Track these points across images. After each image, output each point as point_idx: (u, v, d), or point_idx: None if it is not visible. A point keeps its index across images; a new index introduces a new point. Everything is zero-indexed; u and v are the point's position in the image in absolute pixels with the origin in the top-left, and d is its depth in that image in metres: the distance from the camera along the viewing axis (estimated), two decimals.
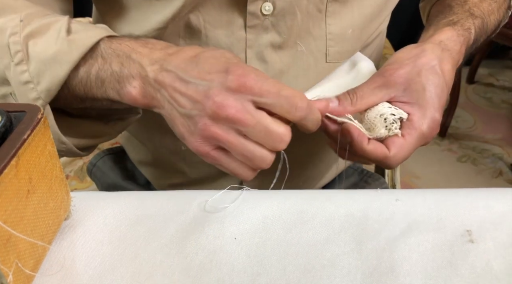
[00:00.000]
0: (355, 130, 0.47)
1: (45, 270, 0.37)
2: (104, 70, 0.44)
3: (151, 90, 0.43)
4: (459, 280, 0.36)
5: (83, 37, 0.44)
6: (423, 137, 0.48)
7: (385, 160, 0.47)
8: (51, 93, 0.43)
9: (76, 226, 0.41)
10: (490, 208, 0.42)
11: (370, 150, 0.47)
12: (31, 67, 0.43)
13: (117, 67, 0.43)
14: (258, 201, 0.44)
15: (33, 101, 0.44)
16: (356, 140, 0.47)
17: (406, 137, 0.47)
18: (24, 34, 0.43)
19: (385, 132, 0.47)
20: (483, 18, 0.59)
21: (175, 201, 0.44)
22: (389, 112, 0.48)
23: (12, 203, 0.31)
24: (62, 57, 0.43)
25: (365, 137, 0.47)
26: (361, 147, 0.47)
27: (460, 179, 1.74)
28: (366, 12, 0.57)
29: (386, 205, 0.43)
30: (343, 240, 0.40)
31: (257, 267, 0.38)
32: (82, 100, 0.46)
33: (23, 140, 0.32)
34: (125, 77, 0.43)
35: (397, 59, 0.50)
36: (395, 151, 0.47)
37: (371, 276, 0.37)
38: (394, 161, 0.48)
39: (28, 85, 0.43)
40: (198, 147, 0.42)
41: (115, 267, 0.38)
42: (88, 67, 0.44)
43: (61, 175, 0.38)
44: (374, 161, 0.48)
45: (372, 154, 0.47)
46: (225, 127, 0.40)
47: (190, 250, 0.39)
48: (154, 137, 0.66)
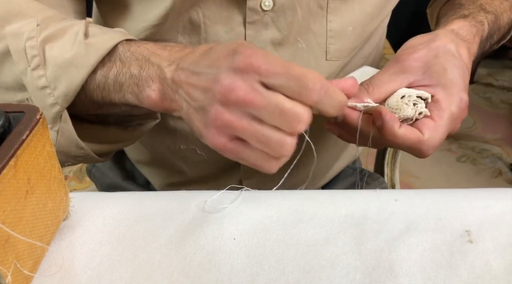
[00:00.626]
0: (387, 113, 0.43)
1: (44, 271, 0.37)
2: (123, 73, 0.43)
3: (169, 92, 0.41)
4: (458, 280, 0.36)
5: (100, 41, 0.43)
6: (453, 118, 0.45)
7: (419, 144, 0.43)
8: (68, 98, 0.43)
9: (75, 226, 0.41)
10: (489, 208, 0.42)
11: (402, 134, 0.43)
12: (48, 72, 0.42)
13: (136, 70, 0.42)
14: (257, 202, 0.44)
15: (50, 106, 0.43)
16: (388, 123, 0.43)
17: (436, 119, 0.44)
18: (41, 38, 0.43)
19: (412, 112, 0.44)
20: (496, 14, 0.57)
21: (174, 202, 0.44)
22: (410, 92, 0.45)
23: (11, 204, 0.31)
24: (79, 61, 0.42)
25: (397, 120, 0.43)
26: (393, 131, 0.43)
27: (459, 179, 1.74)
28: (367, 9, 0.57)
29: (385, 205, 0.43)
30: (342, 240, 0.40)
31: (256, 267, 0.38)
32: (99, 106, 0.46)
33: (22, 141, 0.32)
34: (144, 80, 0.42)
35: (410, 45, 0.48)
36: (429, 134, 0.43)
37: (370, 276, 0.37)
38: (429, 146, 0.44)
39: (45, 90, 0.43)
40: (214, 140, 0.39)
41: (114, 267, 0.38)
42: (106, 71, 0.43)
43: (59, 175, 0.38)
44: (406, 146, 0.44)
45: (405, 139, 0.43)
46: (237, 112, 0.38)
47: (189, 250, 0.39)
48: (153, 136, 0.66)
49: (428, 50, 0.46)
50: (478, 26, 0.53)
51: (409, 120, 0.45)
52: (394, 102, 0.45)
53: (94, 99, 0.44)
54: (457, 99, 0.45)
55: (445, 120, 0.44)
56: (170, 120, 0.61)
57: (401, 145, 0.44)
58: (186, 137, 0.62)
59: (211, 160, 0.64)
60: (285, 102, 0.37)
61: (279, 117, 0.37)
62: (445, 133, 0.45)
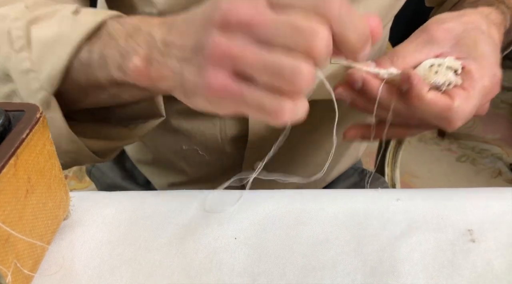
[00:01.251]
0: (415, 76, 0.40)
1: (44, 270, 0.37)
2: (109, 46, 0.38)
3: (158, 57, 0.35)
4: (460, 279, 0.36)
5: (89, 17, 0.39)
6: (485, 91, 0.42)
7: (448, 112, 0.40)
8: (54, 81, 0.39)
9: (75, 226, 0.41)
10: (490, 208, 0.42)
11: (430, 98, 0.40)
12: (32, 53, 0.39)
13: (123, 40, 0.37)
14: (258, 201, 0.44)
15: (35, 93, 0.39)
16: (416, 86, 0.39)
17: (468, 89, 0.40)
18: (28, 19, 0.40)
19: (442, 79, 0.40)
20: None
21: (175, 201, 0.44)
22: (439, 61, 0.41)
23: (11, 203, 0.31)
24: (65, 38, 0.38)
25: (425, 84, 0.40)
26: (420, 95, 0.39)
27: (459, 179, 1.74)
28: (372, 12, 0.57)
29: (386, 205, 0.43)
30: (343, 240, 0.40)
31: (257, 267, 0.38)
32: (85, 91, 0.41)
33: (22, 140, 0.32)
34: (130, 49, 0.37)
35: (438, 18, 0.44)
36: (459, 102, 0.40)
37: (372, 276, 0.37)
38: (459, 115, 0.40)
39: (29, 74, 0.39)
40: (210, 81, 0.32)
41: (114, 267, 0.38)
42: (92, 46, 0.39)
43: (60, 174, 0.38)
44: (433, 114, 0.40)
45: (433, 104, 0.40)
46: (239, 39, 0.31)
47: (189, 250, 0.39)
48: (156, 136, 0.66)
49: (459, 23, 0.43)
50: (503, 16, 0.50)
51: (437, 89, 0.41)
52: (421, 72, 0.41)
53: (79, 82, 0.40)
54: (490, 72, 0.42)
55: (477, 92, 0.41)
56: (172, 120, 0.60)
57: (428, 112, 0.40)
58: (188, 137, 0.61)
59: (212, 161, 0.64)
60: (296, 15, 0.30)
61: (292, 32, 0.30)
62: (475, 106, 0.41)
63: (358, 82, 0.42)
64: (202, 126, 0.60)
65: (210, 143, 0.61)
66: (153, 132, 0.66)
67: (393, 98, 0.41)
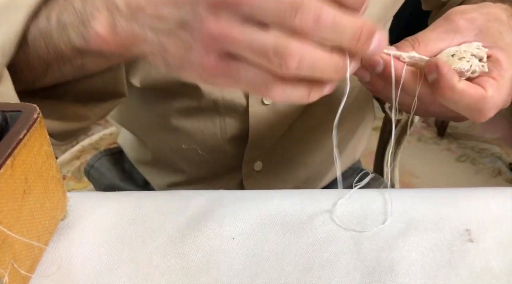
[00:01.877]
0: (444, 64, 0.37)
1: (41, 271, 0.37)
2: (66, 10, 0.36)
3: (122, 22, 0.34)
4: (459, 279, 0.36)
5: None
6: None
7: (481, 102, 0.38)
8: (7, 48, 0.36)
9: (73, 226, 0.41)
10: (489, 208, 0.42)
11: (462, 88, 0.37)
12: None
13: (79, 4, 0.35)
14: (257, 201, 0.44)
15: None
16: (446, 75, 0.37)
17: (498, 78, 0.39)
18: None
19: (467, 65, 0.38)
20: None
21: (173, 201, 0.44)
22: (462, 48, 0.40)
23: (8, 204, 0.31)
24: (19, 2, 0.36)
25: (455, 73, 0.38)
26: (452, 84, 0.37)
27: (459, 178, 1.74)
28: (372, 12, 0.56)
29: (385, 204, 0.43)
30: (342, 240, 0.40)
31: (255, 267, 0.37)
32: (46, 63, 0.38)
33: (19, 140, 0.32)
34: (89, 14, 0.35)
35: (459, 9, 0.43)
36: (492, 91, 0.38)
37: (370, 276, 0.37)
38: (492, 106, 0.38)
39: None
40: (201, 61, 0.31)
41: (112, 267, 0.37)
42: (49, 12, 0.36)
43: (57, 175, 0.38)
44: (465, 104, 0.38)
45: (465, 95, 0.37)
46: (226, 19, 0.30)
47: (187, 250, 0.39)
48: (155, 135, 0.66)
49: (481, 14, 0.42)
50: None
51: (461, 76, 0.39)
52: (444, 60, 0.39)
53: (39, 52, 0.38)
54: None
55: (508, 81, 0.39)
56: (172, 119, 0.60)
57: (459, 103, 0.38)
58: (188, 137, 0.61)
59: (212, 161, 0.64)
60: None
61: (280, 6, 0.28)
62: (507, 96, 0.39)
63: (380, 64, 0.40)
64: (202, 125, 0.60)
65: (210, 142, 0.61)
66: (153, 131, 0.66)
67: (419, 82, 0.39)
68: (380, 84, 0.42)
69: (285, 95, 0.31)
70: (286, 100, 0.32)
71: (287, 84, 0.31)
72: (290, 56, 0.29)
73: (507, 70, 0.39)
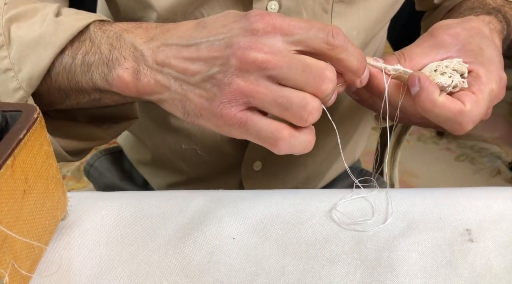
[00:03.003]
0: (426, 78, 0.39)
1: (41, 271, 0.37)
2: (92, 53, 0.39)
3: (147, 72, 0.37)
4: (459, 279, 0.36)
5: (72, 20, 0.39)
6: (493, 95, 0.42)
7: (459, 116, 0.39)
8: (33, 81, 0.39)
9: (73, 226, 0.41)
10: (489, 207, 0.42)
11: (442, 102, 0.39)
12: (12, 53, 0.39)
13: (107, 49, 0.38)
14: (257, 201, 0.43)
15: (13, 92, 0.39)
16: (427, 89, 0.39)
17: (477, 93, 0.40)
18: (7, 17, 0.40)
19: (448, 80, 0.40)
20: (507, 20, 0.55)
21: (173, 201, 0.44)
22: (445, 63, 0.41)
23: (8, 204, 0.31)
24: (47, 40, 0.39)
25: (437, 87, 0.39)
26: (432, 98, 0.39)
27: (458, 178, 1.74)
28: (372, 14, 0.57)
29: (385, 204, 0.43)
30: (342, 240, 0.40)
31: (256, 267, 0.37)
32: (66, 94, 0.42)
33: (19, 140, 0.32)
34: (115, 60, 0.38)
35: (443, 24, 0.45)
36: (471, 105, 0.39)
37: (370, 276, 0.37)
38: (470, 119, 0.40)
39: (8, 73, 0.39)
40: (222, 111, 0.35)
41: (112, 267, 0.37)
42: (74, 52, 0.39)
43: (57, 175, 0.38)
44: (444, 118, 0.40)
45: (445, 108, 0.39)
46: (254, 77, 0.34)
47: (188, 250, 0.39)
48: (155, 135, 0.66)
49: (463, 29, 0.44)
50: (501, 24, 0.52)
51: (443, 91, 0.41)
52: (427, 74, 0.41)
53: (60, 85, 0.41)
54: (497, 76, 0.42)
55: (486, 96, 0.41)
56: (172, 119, 0.60)
57: (439, 116, 0.40)
58: (188, 137, 0.61)
59: (211, 161, 0.64)
60: (307, 58, 0.35)
61: (302, 72, 0.34)
62: (485, 110, 0.41)
63: (363, 79, 0.41)
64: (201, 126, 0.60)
65: (209, 142, 0.61)
66: (153, 131, 0.66)
67: (402, 94, 0.42)
68: (365, 95, 0.44)
69: (291, 147, 0.36)
70: (290, 151, 0.37)
71: (295, 135, 0.36)
72: (313, 111, 0.35)
73: (486, 85, 0.41)
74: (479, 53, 0.43)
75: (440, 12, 0.64)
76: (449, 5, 0.63)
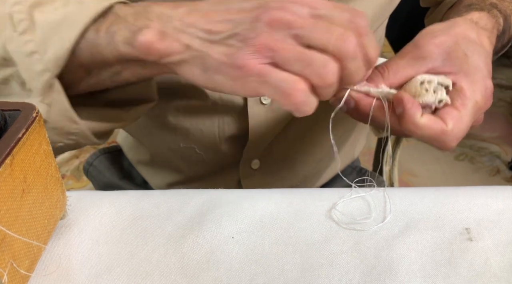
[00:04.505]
0: (409, 100, 0.40)
1: (40, 270, 0.37)
2: (116, 23, 0.39)
3: (173, 33, 0.37)
4: (458, 278, 0.36)
5: (95, 2, 0.40)
6: (478, 107, 0.42)
7: (442, 136, 0.40)
8: (60, 62, 0.39)
9: (72, 225, 0.41)
10: (488, 206, 0.42)
11: (424, 124, 0.40)
12: (36, 36, 0.39)
13: (133, 19, 0.38)
14: (256, 200, 0.43)
15: (39, 75, 0.39)
16: (409, 111, 0.40)
17: (460, 108, 0.41)
18: (30, 3, 0.40)
19: (433, 98, 0.41)
20: (506, 14, 0.55)
21: (172, 200, 0.44)
22: (430, 78, 0.41)
23: (7, 203, 0.31)
24: (72, 19, 0.39)
25: (419, 108, 0.40)
26: (414, 120, 0.40)
27: (457, 177, 1.74)
28: (369, 12, 0.56)
29: (384, 203, 0.43)
30: (341, 239, 0.40)
31: (255, 266, 0.37)
32: (87, 70, 0.42)
33: (18, 139, 0.32)
34: (140, 24, 0.38)
35: (428, 31, 0.45)
36: (453, 124, 0.40)
37: (369, 275, 0.37)
38: (453, 137, 0.41)
39: (33, 56, 0.39)
40: (244, 61, 0.35)
41: (111, 266, 0.37)
42: (98, 26, 0.39)
43: (56, 174, 0.38)
44: (428, 138, 0.41)
45: (427, 129, 0.40)
46: (281, 35, 0.35)
47: (187, 249, 0.39)
48: (153, 134, 0.66)
49: (448, 36, 0.44)
50: (494, 20, 0.51)
51: (428, 108, 0.42)
52: (412, 88, 0.42)
53: (82, 60, 0.41)
54: (482, 87, 0.42)
55: (470, 110, 0.41)
56: (170, 118, 0.60)
57: (423, 136, 0.41)
58: (186, 136, 0.61)
59: (210, 160, 0.64)
60: (332, 25, 0.36)
61: (326, 34, 0.35)
62: (469, 124, 0.42)
63: (351, 102, 0.43)
64: (201, 124, 0.60)
65: (208, 141, 0.61)
66: (151, 130, 0.66)
67: (389, 114, 0.42)
68: (356, 116, 0.45)
69: (303, 103, 0.36)
70: (299, 107, 0.36)
71: (311, 93, 0.36)
72: (332, 72, 0.36)
73: (470, 99, 0.41)
74: (464, 60, 0.43)
75: (442, 9, 0.64)
76: (451, 2, 0.63)
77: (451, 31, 0.45)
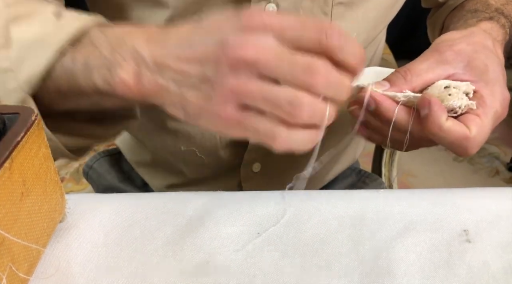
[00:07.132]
0: (436, 102, 0.40)
1: (39, 274, 0.37)
2: (94, 56, 0.38)
3: (148, 75, 0.36)
4: (456, 280, 0.36)
5: (72, 20, 0.39)
6: (497, 116, 0.42)
7: (464, 141, 0.40)
8: (33, 82, 0.39)
9: (71, 228, 0.41)
10: (487, 208, 0.42)
11: (449, 127, 0.40)
12: (12, 53, 0.39)
13: (108, 51, 0.38)
14: (255, 202, 0.44)
15: (12, 92, 0.39)
16: (436, 113, 0.39)
17: (482, 116, 0.41)
18: (7, 17, 0.40)
19: (459, 102, 0.41)
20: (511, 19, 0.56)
21: (171, 203, 0.44)
22: (455, 84, 0.41)
23: (6, 206, 0.31)
24: (47, 40, 0.38)
25: (445, 111, 0.40)
26: (439, 123, 0.40)
27: (456, 178, 1.74)
28: (371, 16, 0.56)
29: (383, 205, 0.43)
30: (340, 241, 0.40)
31: (254, 268, 0.38)
32: (66, 96, 0.41)
33: (17, 142, 0.32)
34: (116, 63, 0.37)
35: (447, 38, 0.45)
36: (476, 130, 0.40)
37: (368, 277, 0.37)
38: (474, 144, 0.41)
39: (7, 73, 0.39)
40: (219, 112, 0.35)
41: (110, 269, 0.37)
42: (75, 54, 0.39)
43: (55, 177, 0.38)
44: (450, 142, 0.41)
45: (451, 133, 0.40)
46: (245, 76, 0.34)
47: (186, 252, 0.39)
48: (154, 137, 0.66)
49: (468, 44, 0.44)
50: (504, 31, 0.52)
51: (451, 112, 0.41)
52: (436, 93, 0.41)
53: (60, 87, 0.40)
54: (501, 97, 0.43)
55: (490, 119, 0.42)
56: (171, 121, 0.60)
57: (445, 140, 0.41)
58: (187, 139, 0.62)
59: (211, 163, 0.64)
60: (299, 54, 0.34)
61: (290, 69, 0.33)
62: (489, 132, 0.42)
63: (371, 104, 0.42)
64: (201, 128, 0.60)
65: (208, 144, 0.61)
66: (152, 133, 0.66)
67: (411, 120, 0.42)
68: (375, 137, 0.44)
69: (289, 143, 0.35)
70: (289, 147, 0.36)
71: (293, 131, 0.35)
72: (303, 107, 0.33)
73: (490, 108, 0.42)
74: (484, 70, 0.43)
75: (445, 11, 0.64)
76: (453, 4, 0.63)
77: (470, 39, 0.45)
